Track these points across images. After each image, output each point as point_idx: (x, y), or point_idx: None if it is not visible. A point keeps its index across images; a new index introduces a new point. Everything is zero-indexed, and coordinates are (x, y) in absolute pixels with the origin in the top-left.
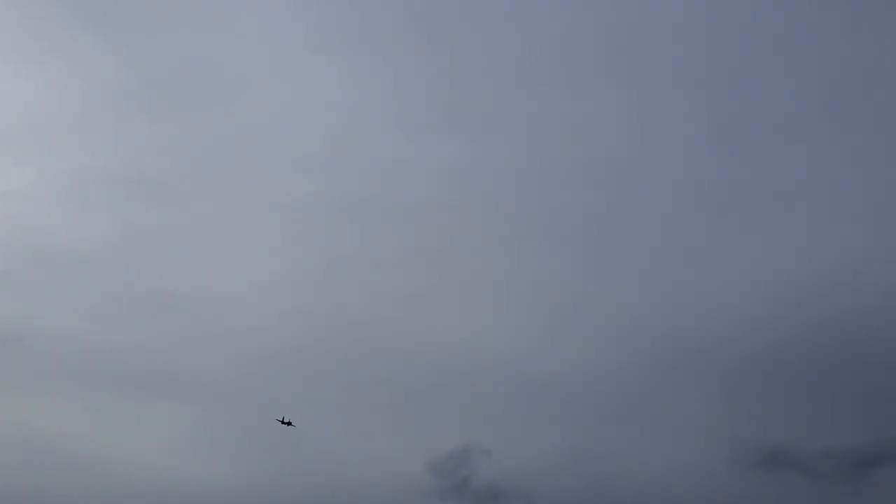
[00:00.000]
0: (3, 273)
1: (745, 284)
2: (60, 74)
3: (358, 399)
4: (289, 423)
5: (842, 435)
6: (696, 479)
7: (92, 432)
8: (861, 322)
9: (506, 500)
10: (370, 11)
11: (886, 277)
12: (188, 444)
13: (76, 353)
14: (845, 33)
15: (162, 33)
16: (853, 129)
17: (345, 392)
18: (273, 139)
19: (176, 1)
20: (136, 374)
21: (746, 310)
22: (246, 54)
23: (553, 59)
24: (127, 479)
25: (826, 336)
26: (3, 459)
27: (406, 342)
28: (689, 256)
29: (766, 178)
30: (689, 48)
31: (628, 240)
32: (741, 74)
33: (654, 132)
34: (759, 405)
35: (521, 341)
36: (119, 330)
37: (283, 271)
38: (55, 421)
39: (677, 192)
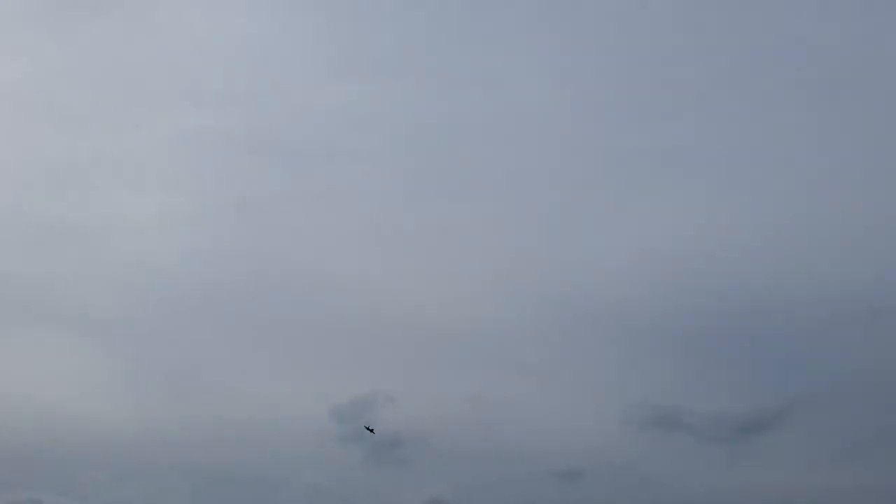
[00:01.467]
0: None
1: (646, 249)
2: None
3: (262, 340)
4: (371, 430)
5: (730, 400)
6: (589, 434)
7: None
8: (756, 291)
9: (405, 446)
10: None
11: (783, 249)
12: (85, 378)
13: None
14: (750, 8)
15: None
16: (757, 103)
17: (248, 333)
18: (186, 71)
19: None
20: (30, 303)
21: (647, 274)
22: None
23: (473, 12)
24: (22, 413)
25: (722, 303)
26: None
27: (312, 286)
28: (594, 218)
29: (673, 147)
30: (605, 14)
31: (534, 197)
32: (655, 45)
33: (565, 94)
34: (654, 367)
35: (427, 292)
36: (12, 258)
37: (189, 206)
38: None
39: (586, 154)
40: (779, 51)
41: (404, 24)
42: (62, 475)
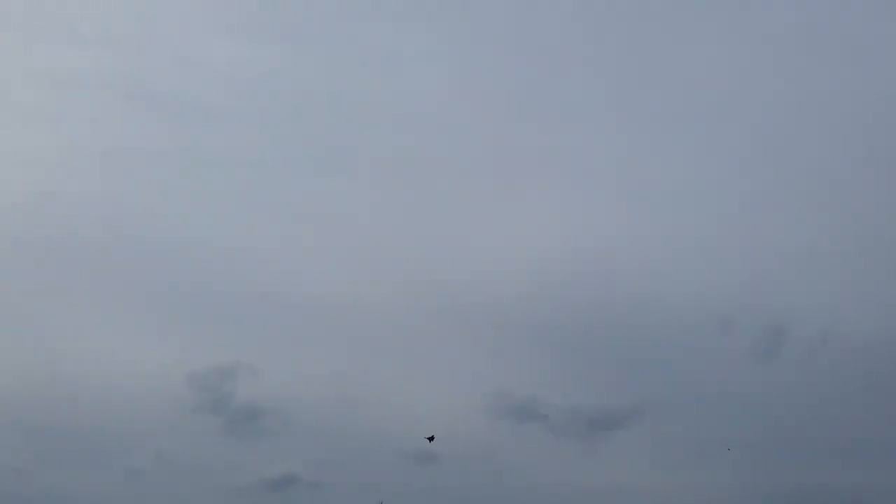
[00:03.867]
0: None
1: (522, 247)
2: None
3: (116, 298)
4: (431, 439)
5: (585, 396)
6: (448, 419)
7: None
8: (619, 295)
9: (264, 419)
10: None
11: (648, 257)
12: None
13: None
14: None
15: None
16: (639, 111)
17: (102, 288)
18: (65, 7)
19: None
20: None
21: (518, 271)
22: None
23: None
24: None
25: (587, 304)
26: None
27: (175, 247)
28: (475, 210)
29: (554, 149)
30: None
31: (419, 182)
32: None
33: (460, 84)
34: (519, 360)
35: (296, 265)
36: None
37: (49, 147)
38: None
39: (475, 147)
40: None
41: None
42: None
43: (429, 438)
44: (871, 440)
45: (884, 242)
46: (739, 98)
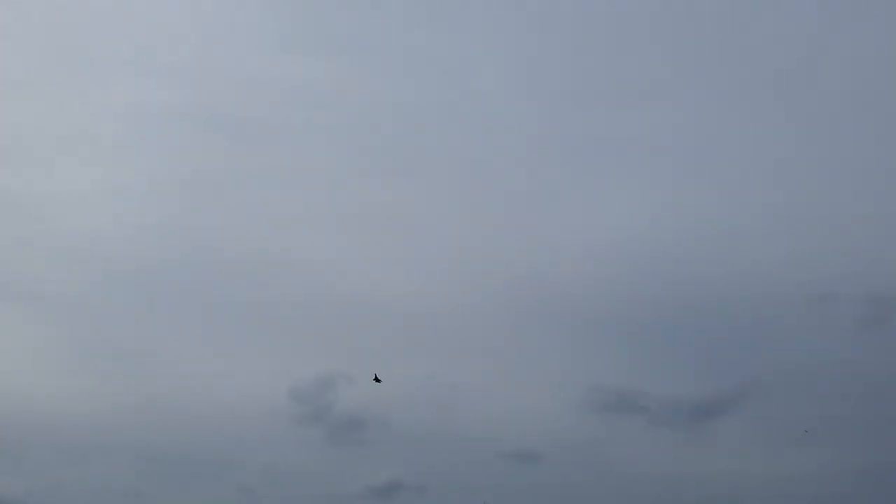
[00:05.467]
0: None
1: (605, 234)
2: None
3: (214, 320)
4: (378, 381)
5: (684, 385)
6: (546, 417)
7: None
8: (710, 279)
9: (364, 428)
10: None
11: (741, 236)
12: (31, 356)
13: None
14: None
15: None
16: (717, 96)
17: (200, 312)
18: (136, 42)
19: None
20: None
21: (606, 258)
22: None
23: None
24: None
25: (678, 291)
26: None
27: (267, 265)
28: (552, 204)
29: (636, 137)
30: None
31: (492, 181)
32: (608, 29)
33: (528, 80)
34: (612, 352)
35: (384, 272)
36: None
37: (137, 180)
38: None
39: (549, 141)
40: (741, 42)
41: (363, 4)
42: (6, 454)
43: (375, 379)
44: None
45: None
46: (820, 66)
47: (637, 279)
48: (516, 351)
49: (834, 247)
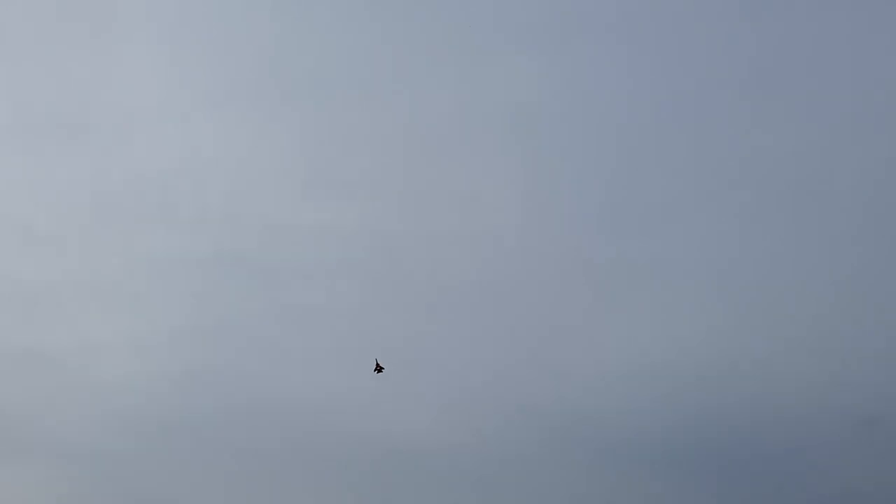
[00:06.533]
0: None
1: (628, 364)
2: None
3: (244, 469)
4: (380, 369)
5: None
6: None
7: None
8: (746, 405)
9: None
10: (264, 68)
11: (770, 363)
12: None
13: None
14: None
15: (42, 64)
16: (741, 214)
17: (231, 460)
18: (160, 193)
19: (60, 32)
20: None
21: (630, 390)
22: (132, 96)
23: (442, 129)
24: None
25: (706, 419)
26: None
27: (293, 409)
28: (572, 334)
29: (657, 259)
30: (575, 125)
31: (511, 313)
32: (627, 153)
33: (539, 206)
34: (640, 487)
35: (403, 411)
36: None
37: (159, 330)
38: None
39: (561, 267)
40: (762, 164)
41: (379, 144)
42: None
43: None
44: None
45: None
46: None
47: (662, 409)
48: (533, 488)
49: (875, 368)
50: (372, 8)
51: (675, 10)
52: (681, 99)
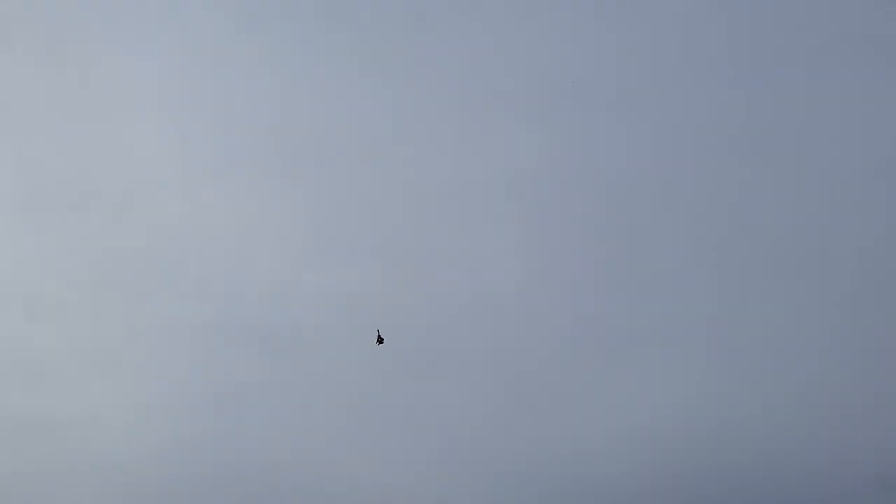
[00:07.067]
0: None
1: (633, 427)
2: None
3: None
4: (380, 340)
5: None
6: None
7: None
8: (750, 467)
9: None
10: (267, 136)
11: (777, 423)
12: None
13: None
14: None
15: (48, 139)
16: (740, 275)
17: None
18: (164, 261)
19: (66, 104)
20: None
21: (636, 452)
22: (136, 165)
23: (443, 195)
24: None
25: (713, 481)
26: None
27: (298, 478)
28: (575, 397)
29: (653, 321)
30: (574, 190)
31: (514, 377)
32: (626, 218)
33: (540, 270)
34: None
35: (405, 475)
36: None
37: (162, 398)
38: None
39: (563, 330)
40: (767, 224)
41: (380, 209)
42: None
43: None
44: None
45: None
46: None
47: (669, 471)
48: None
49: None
50: (373, 77)
51: (674, 78)
52: (680, 163)
